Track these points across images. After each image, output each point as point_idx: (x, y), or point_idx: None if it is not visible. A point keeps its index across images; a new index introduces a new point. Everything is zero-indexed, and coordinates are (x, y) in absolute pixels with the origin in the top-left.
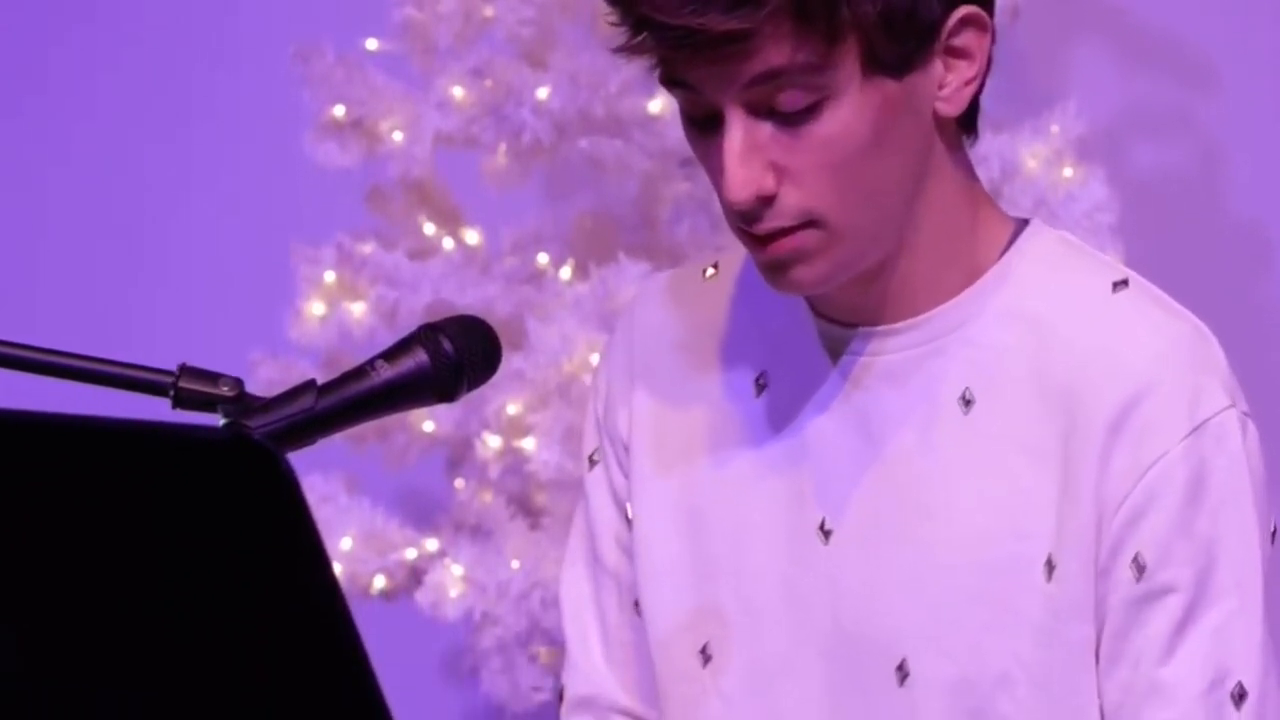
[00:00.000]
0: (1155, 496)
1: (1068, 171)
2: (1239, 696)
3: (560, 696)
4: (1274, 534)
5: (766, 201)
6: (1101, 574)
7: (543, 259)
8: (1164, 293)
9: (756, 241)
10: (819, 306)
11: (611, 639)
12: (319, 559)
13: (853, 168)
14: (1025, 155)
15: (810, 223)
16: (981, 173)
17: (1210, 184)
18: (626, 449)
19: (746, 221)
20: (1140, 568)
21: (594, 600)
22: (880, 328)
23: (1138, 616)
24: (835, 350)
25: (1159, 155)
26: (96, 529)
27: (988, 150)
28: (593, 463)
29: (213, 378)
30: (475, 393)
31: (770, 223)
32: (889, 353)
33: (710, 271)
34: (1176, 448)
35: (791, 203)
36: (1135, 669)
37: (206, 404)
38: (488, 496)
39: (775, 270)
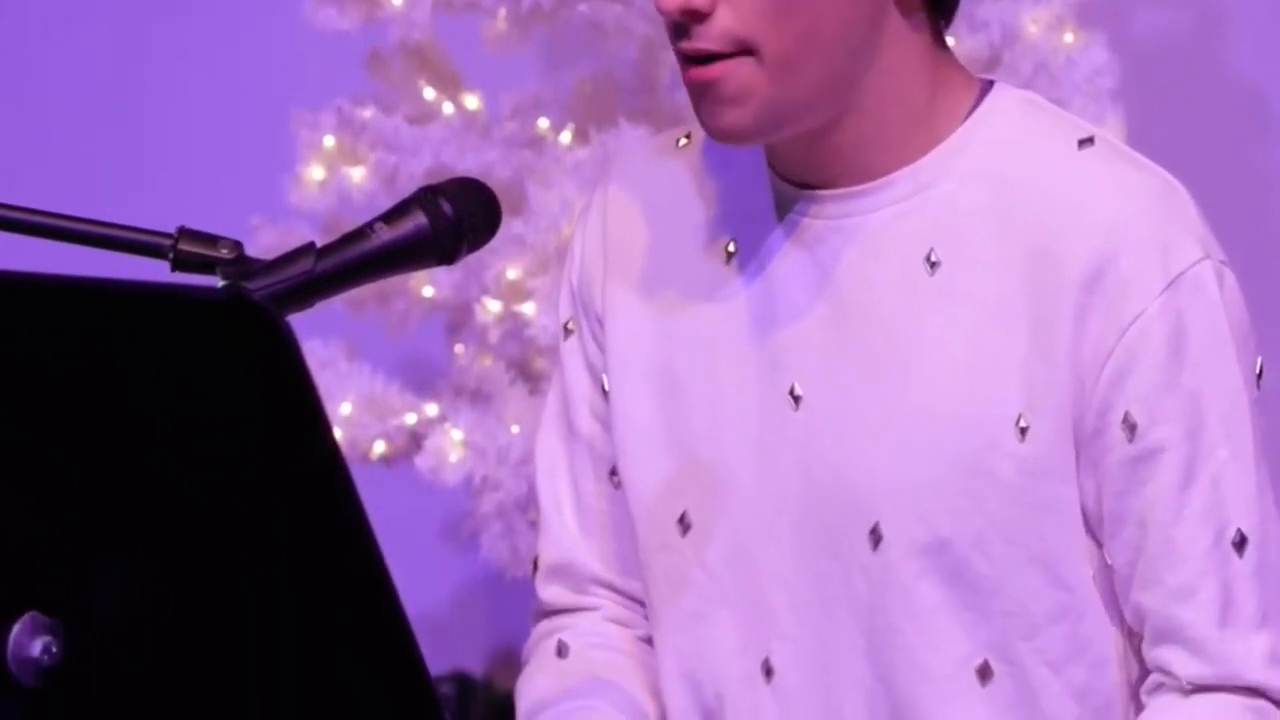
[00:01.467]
0: (1137, 355)
1: (1068, 37)
2: (1239, 543)
3: (535, 564)
4: (1259, 375)
5: (699, 17)
6: (1093, 436)
7: (543, 124)
8: (1130, 149)
9: (688, 62)
10: (781, 170)
11: (585, 508)
12: (319, 420)
13: None
14: (1026, 20)
15: (744, 51)
16: (981, 38)
17: (1211, 49)
18: (600, 321)
19: (678, 36)
20: (1131, 427)
21: (568, 469)
22: (841, 190)
23: (1136, 475)
24: (800, 214)
25: (1160, 20)
26: (97, 390)
27: (988, 15)
28: (568, 332)
29: (211, 240)
30: (475, 258)
31: (701, 42)
32: (853, 215)
33: (683, 141)
34: (1153, 304)
35: (725, 25)
36: (1143, 528)
37: (205, 266)
38: (487, 361)
39: (708, 106)
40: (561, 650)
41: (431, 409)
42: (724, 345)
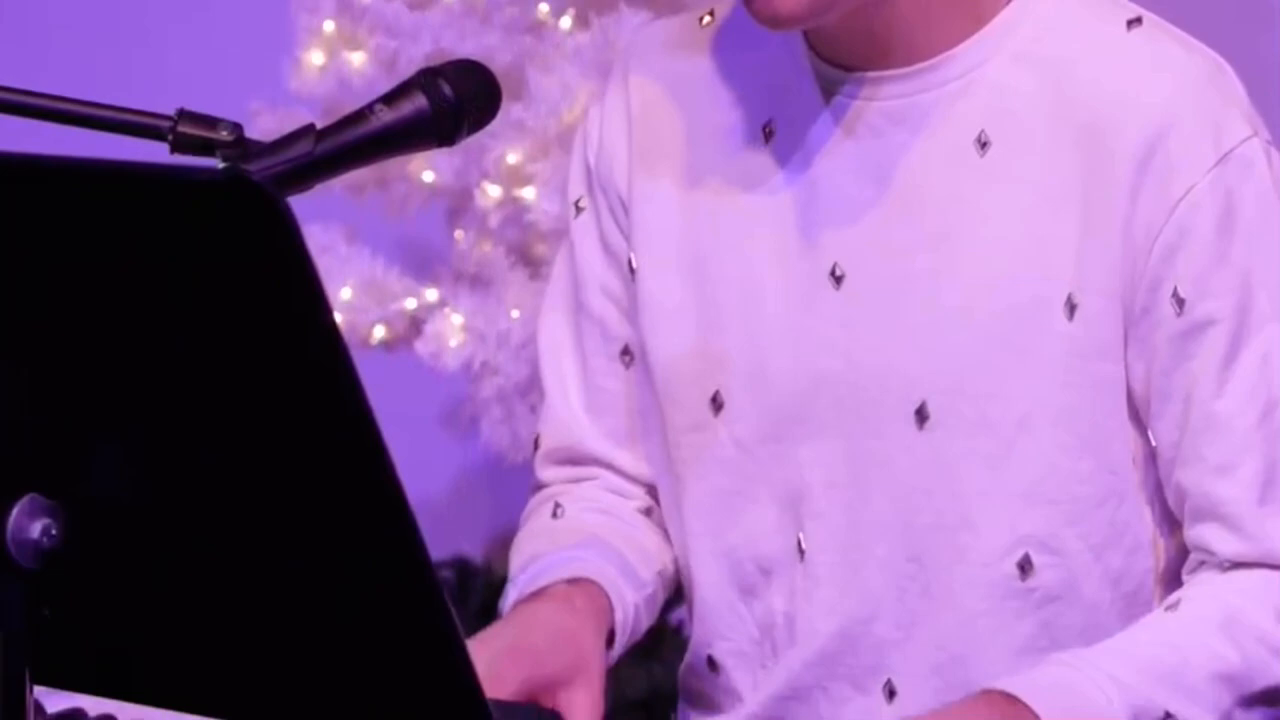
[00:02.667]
0: (1187, 230)
1: None
2: None
3: (535, 444)
4: None
5: None
6: (1142, 314)
7: (543, 8)
8: (1178, 29)
9: None
10: (822, 52)
11: (592, 386)
12: (319, 302)
13: None
14: None
15: None
16: None
17: None
18: (623, 200)
19: None
20: (1180, 302)
21: (575, 347)
22: (887, 72)
23: (1183, 350)
24: (846, 96)
25: None
26: (97, 271)
27: None
28: (579, 209)
29: (211, 122)
30: (475, 142)
31: None
32: (899, 97)
33: (706, 19)
34: (1204, 180)
35: None
36: (1188, 404)
37: (205, 148)
38: (487, 246)
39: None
40: (556, 512)
41: (431, 294)
42: (761, 225)
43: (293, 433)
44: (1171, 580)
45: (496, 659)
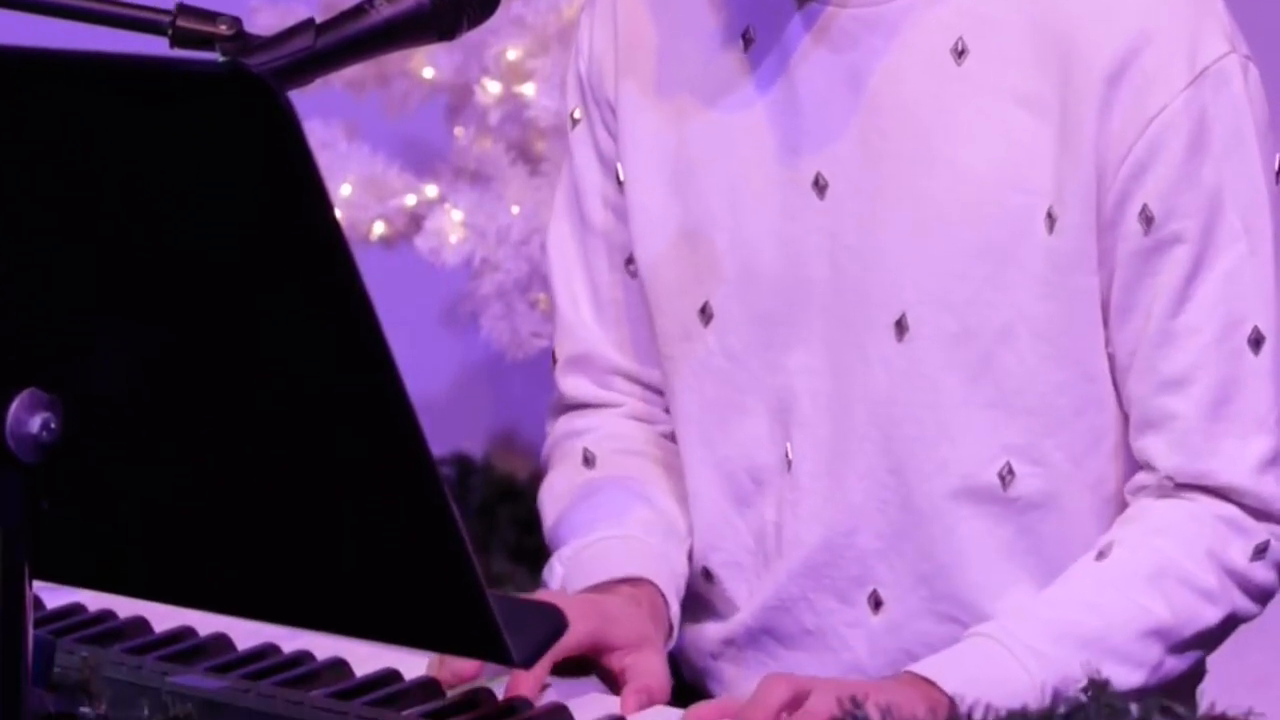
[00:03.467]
0: (1159, 149)
1: None
2: (1256, 341)
3: (554, 359)
4: (1279, 174)
5: None
6: (1108, 227)
7: None
8: None
9: None
10: None
11: (602, 298)
12: (319, 196)
13: None
14: None
15: None
16: None
17: None
18: (613, 109)
19: None
20: (1148, 220)
21: (582, 260)
22: None
23: (1147, 267)
24: (821, 3)
25: None
26: (97, 165)
27: None
28: (575, 121)
29: (210, 16)
30: (474, 38)
31: None
32: (878, 4)
33: None
34: (1178, 99)
35: None
36: (1147, 319)
37: (204, 42)
38: (487, 143)
39: None
40: (588, 459)
41: (431, 190)
42: (743, 134)
43: (293, 329)
44: None
45: (570, 606)
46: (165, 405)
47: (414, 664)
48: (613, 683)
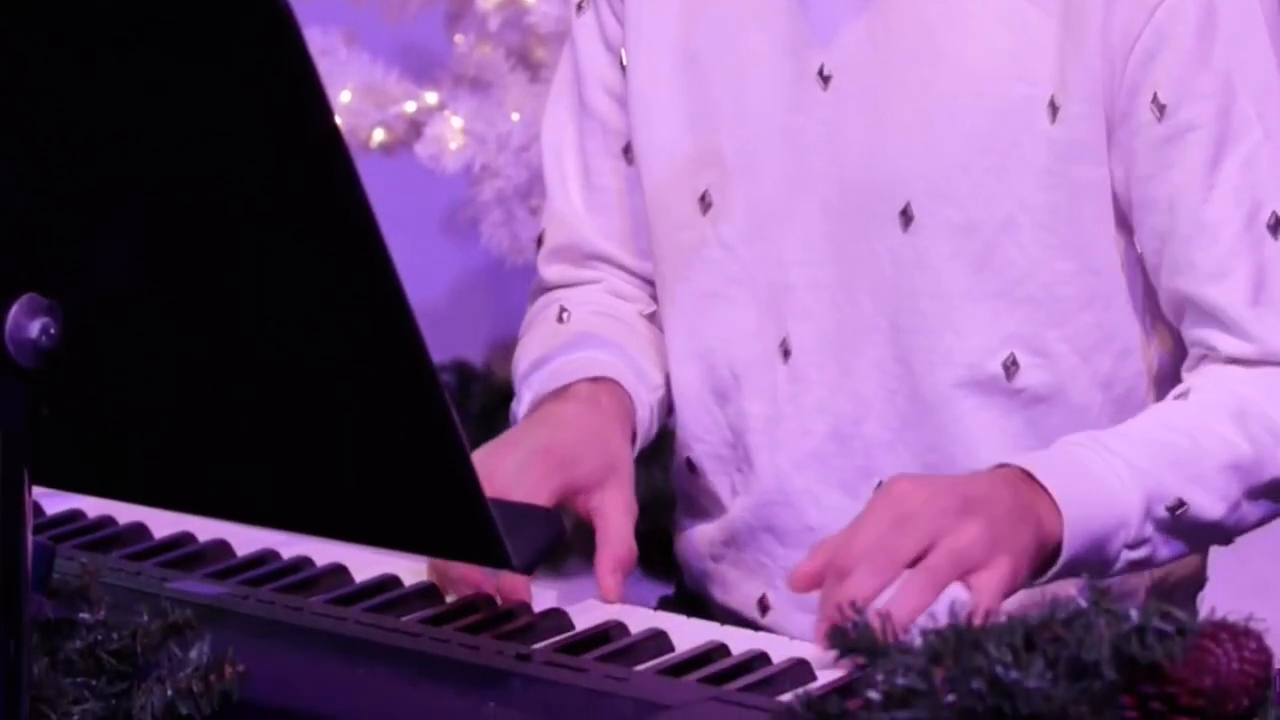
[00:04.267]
0: (1167, 34)
1: None
2: (1274, 226)
3: (539, 243)
4: None
5: None
6: (1121, 120)
7: None
8: None
9: None
10: None
11: (594, 184)
12: (320, 101)
13: None
14: None
15: None
16: None
17: None
18: None
19: None
20: (1160, 107)
21: (577, 145)
22: None
23: (1164, 157)
24: None
25: None
26: (96, 70)
27: None
28: (580, 8)
29: None
30: None
31: None
32: None
33: None
34: None
35: None
36: (1172, 214)
37: None
38: (487, 49)
39: None
40: (562, 316)
41: (431, 97)
42: (748, 24)
43: (293, 235)
44: (1165, 383)
45: (528, 462)
46: (165, 310)
47: (413, 570)
48: (582, 522)
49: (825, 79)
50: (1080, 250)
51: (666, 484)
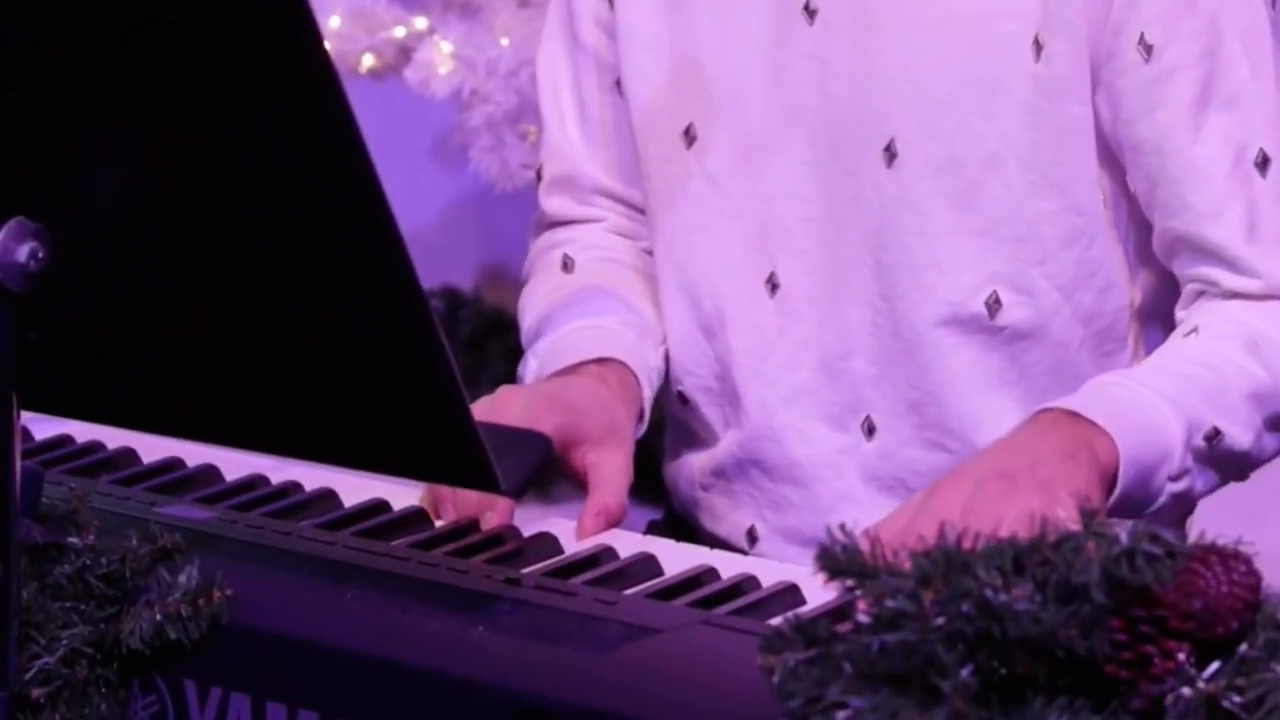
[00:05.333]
0: None
1: None
2: (1262, 164)
3: (539, 177)
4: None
5: None
6: (1108, 57)
7: None
8: None
9: None
10: None
11: (590, 118)
12: (309, 30)
13: None
14: None
15: None
16: None
17: None
18: None
19: None
20: (1148, 48)
21: (572, 80)
22: None
23: (1151, 98)
24: None
25: None
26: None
27: None
28: None
29: None
30: None
31: None
32: None
33: None
34: None
35: None
36: (1162, 155)
37: None
38: None
39: None
40: (566, 264)
41: (420, 21)
42: None
43: (284, 161)
44: (1148, 318)
45: (533, 402)
46: (153, 235)
47: (402, 494)
48: (578, 481)
49: (811, 13)
50: (1064, 188)
51: (658, 409)
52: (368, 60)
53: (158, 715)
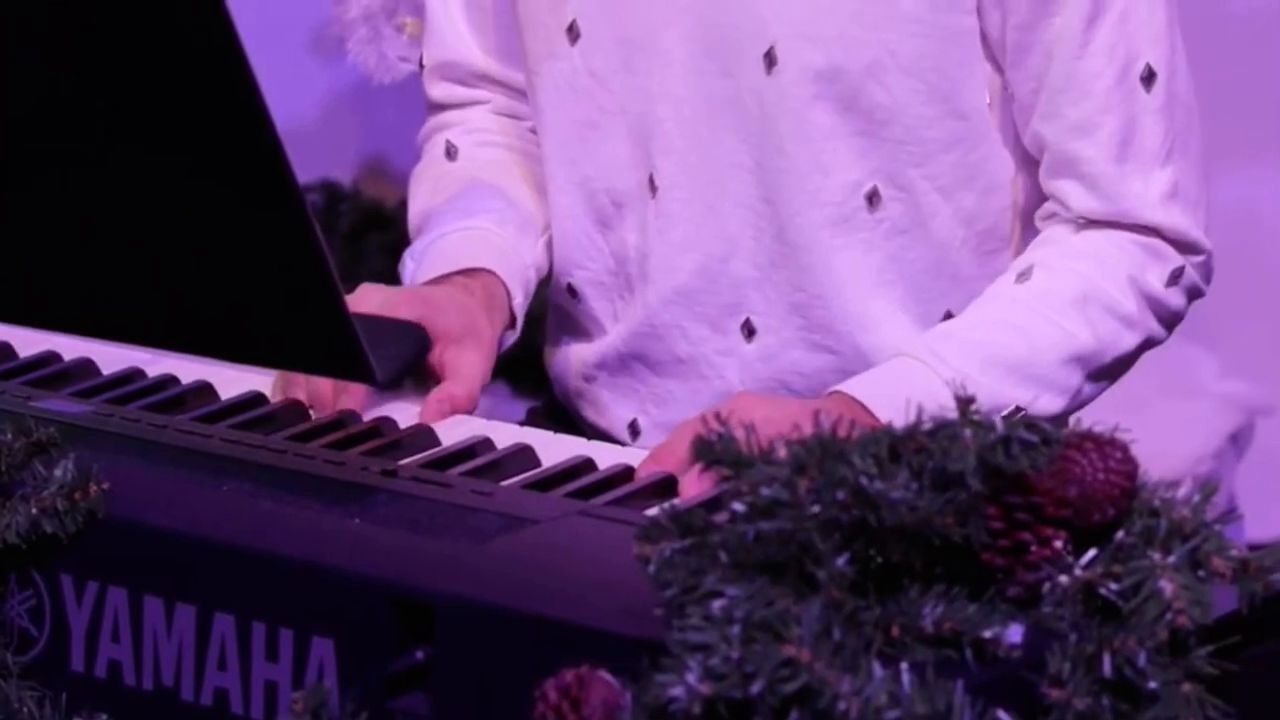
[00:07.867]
0: None
1: None
2: (1148, 78)
3: (421, 65)
4: None
5: None
6: None
7: None
8: None
9: None
10: None
11: (473, 4)
12: None
13: None
14: None
15: None
16: None
17: None
18: None
19: None
20: None
21: None
22: None
23: (1044, 8)
24: None
25: None
26: None
27: None
28: None
29: None
30: None
31: None
32: None
33: None
34: None
35: None
36: (1048, 61)
37: None
38: None
39: None
40: (450, 151)
41: None
42: None
43: (158, 54)
44: (1030, 217)
45: (393, 297)
46: (25, 129)
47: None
48: (434, 378)
49: None
50: (946, 95)
51: (537, 302)
52: None
53: (34, 610)
